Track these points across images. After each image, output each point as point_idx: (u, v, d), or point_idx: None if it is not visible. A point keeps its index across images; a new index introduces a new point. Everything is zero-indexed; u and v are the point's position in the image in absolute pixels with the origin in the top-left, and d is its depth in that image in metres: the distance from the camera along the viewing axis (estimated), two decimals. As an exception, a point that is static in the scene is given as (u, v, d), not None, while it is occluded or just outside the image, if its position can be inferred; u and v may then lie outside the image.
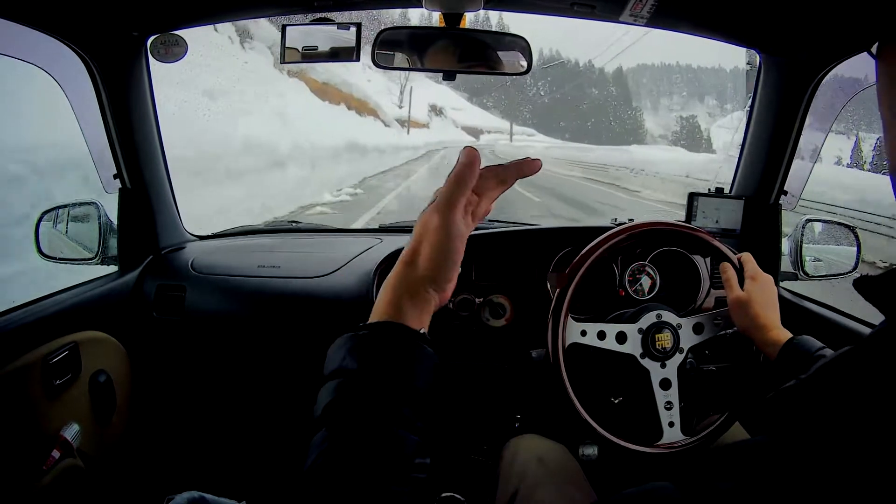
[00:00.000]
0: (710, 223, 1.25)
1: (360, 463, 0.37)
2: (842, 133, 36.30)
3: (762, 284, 0.87)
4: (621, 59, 79.49)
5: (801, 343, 0.79)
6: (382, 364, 0.40)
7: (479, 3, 1.02)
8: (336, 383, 0.40)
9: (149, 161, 1.23)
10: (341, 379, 0.40)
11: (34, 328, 0.96)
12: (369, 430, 0.38)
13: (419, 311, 0.44)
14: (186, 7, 1.10)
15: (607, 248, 0.91)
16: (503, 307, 1.17)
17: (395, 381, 0.40)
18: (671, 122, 67.68)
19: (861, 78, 1.10)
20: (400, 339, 0.42)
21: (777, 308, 0.87)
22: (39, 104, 3.48)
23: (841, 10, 0.91)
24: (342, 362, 0.41)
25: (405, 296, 0.44)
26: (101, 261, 1.21)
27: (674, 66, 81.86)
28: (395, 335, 0.42)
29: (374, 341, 0.41)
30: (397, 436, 0.38)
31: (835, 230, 1.27)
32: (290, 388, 1.33)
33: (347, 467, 0.37)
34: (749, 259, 0.90)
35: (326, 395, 0.40)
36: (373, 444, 0.38)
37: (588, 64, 60.75)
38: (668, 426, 0.89)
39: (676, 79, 79.73)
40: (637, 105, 64.43)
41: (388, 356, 0.41)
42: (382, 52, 1.08)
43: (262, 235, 1.50)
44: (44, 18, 0.96)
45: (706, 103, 74.06)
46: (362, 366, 0.40)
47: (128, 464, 1.20)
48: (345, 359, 0.41)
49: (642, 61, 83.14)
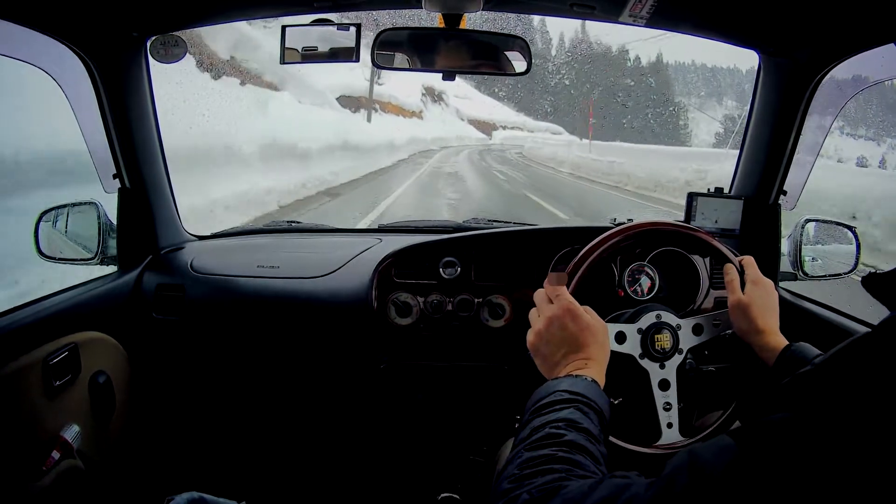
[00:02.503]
0: (709, 223, 1.25)
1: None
2: (871, 140, 34.19)
3: (763, 289, 0.87)
4: (660, 44, 65.91)
5: (798, 350, 0.79)
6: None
7: (478, 4, 1.02)
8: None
9: (148, 161, 1.23)
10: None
11: (34, 329, 0.96)
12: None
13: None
14: (186, 8, 1.10)
15: (606, 249, 0.91)
16: (502, 308, 1.17)
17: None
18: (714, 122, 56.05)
19: (861, 78, 1.10)
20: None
21: (777, 314, 0.87)
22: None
23: (841, 11, 0.92)
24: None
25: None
26: (100, 261, 1.21)
27: (689, 65, 69.74)
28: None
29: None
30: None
31: (834, 230, 1.27)
32: (290, 388, 1.33)
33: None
34: (751, 263, 0.90)
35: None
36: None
37: (622, 49, 47.83)
38: (666, 427, 0.89)
39: (692, 78, 69.47)
40: (680, 101, 50.97)
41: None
42: (382, 53, 1.08)
43: (261, 235, 1.50)
44: (44, 19, 0.96)
45: (724, 105, 64.47)
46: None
47: (128, 464, 1.20)
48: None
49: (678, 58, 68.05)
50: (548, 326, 0.72)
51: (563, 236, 1.20)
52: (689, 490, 0.41)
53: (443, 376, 1.21)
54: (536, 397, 0.63)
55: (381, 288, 1.17)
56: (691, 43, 45.72)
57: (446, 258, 1.18)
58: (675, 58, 51.83)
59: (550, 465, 0.52)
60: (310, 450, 1.38)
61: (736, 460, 0.40)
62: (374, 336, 1.19)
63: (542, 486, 0.49)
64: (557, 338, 0.71)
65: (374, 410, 1.30)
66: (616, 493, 0.45)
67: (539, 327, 0.73)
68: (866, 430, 0.36)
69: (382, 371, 1.19)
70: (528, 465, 0.52)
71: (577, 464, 0.52)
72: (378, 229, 1.54)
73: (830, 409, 0.38)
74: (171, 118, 5.20)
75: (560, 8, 1.12)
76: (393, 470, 1.34)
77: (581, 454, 0.53)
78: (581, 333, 0.71)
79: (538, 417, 0.59)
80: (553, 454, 0.53)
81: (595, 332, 0.72)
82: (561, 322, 0.72)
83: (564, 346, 0.71)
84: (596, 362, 0.69)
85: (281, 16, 1.14)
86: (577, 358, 0.69)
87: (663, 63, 50.43)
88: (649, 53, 51.65)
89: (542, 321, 0.73)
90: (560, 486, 0.48)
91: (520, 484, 0.50)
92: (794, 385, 0.42)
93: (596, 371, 0.68)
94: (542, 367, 0.73)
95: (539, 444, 0.55)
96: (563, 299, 0.74)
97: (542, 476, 0.50)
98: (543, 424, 0.57)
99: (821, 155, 1.21)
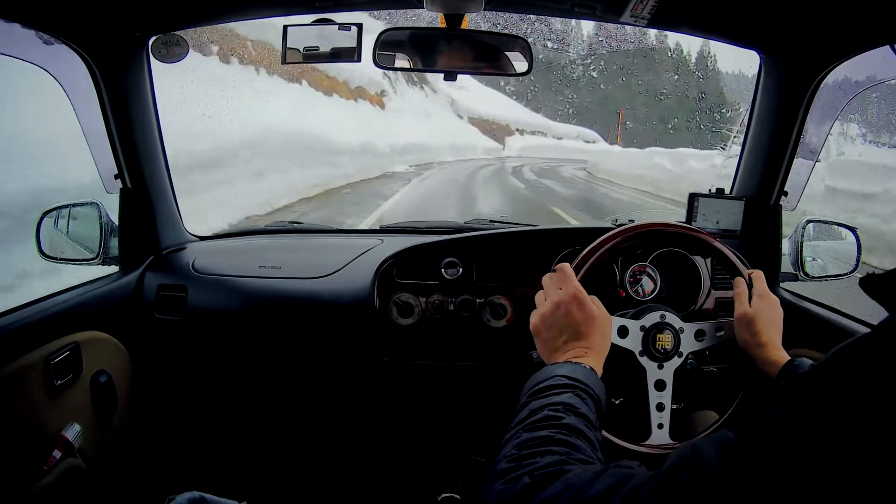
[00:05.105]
0: (710, 224, 1.25)
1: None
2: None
3: (769, 304, 0.88)
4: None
5: (800, 365, 0.80)
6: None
7: (479, 5, 1.02)
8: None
9: (150, 161, 1.24)
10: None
11: (35, 328, 0.96)
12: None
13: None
14: (188, 7, 1.10)
15: (608, 249, 0.91)
16: (504, 308, 1.17)
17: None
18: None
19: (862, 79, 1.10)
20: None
21: (780, 330, 0.88)
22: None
23: (842, 12, 0.92)
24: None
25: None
26: (102, 261, 1.21)
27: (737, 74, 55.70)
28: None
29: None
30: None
31: (835, 231, 1.27)
32: (291, 388, 1.33)
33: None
34: (760, 277, 0.91)
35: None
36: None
37: (661, 38, 34.18)
38: (657, 427, 0.89)
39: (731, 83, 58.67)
40: (734, 101, 35.12)
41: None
42: (384, 53, 1.08)
43: (263, 236, 1.50)
44: (45, 18, 0.96)
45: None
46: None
47: (129, 464, 1.21)
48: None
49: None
50: (553, 311, 0.72)
51: (564, 237, 1.20)
52: (691, 484, 0.41)
53: (444, 376, 1.21)
54: (534, 381, 0.64)
55: (382, 288, 1.17)
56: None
57: (448, 259, 1.18)
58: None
59: (549, 446, 0.52)
60: (311, 449, 1.38)
61: (737, 455, 0.41)
62: (376, 336, 1.19)
63: (543, 469, 0.49)
64: (561, 323, 0.72)
65: (376, 410, 1.30)
66: (619, 482, 0.45)
67: (544, 310, 0.73)
68: (866, 428, 0.37)
69: (384, 371, 1.19)
70: (527, 445, 0.52)
71: (575, 447, 0.52)
72: (380, 230, 1.54)
73: (830, 408, 0.39)
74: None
75: (561, 8, 1.12)
76: (394, 469, 1.34)
77: (579, 438, 0.54)
78: (585, 322, 0.71)
79: (536, 400, 0.60)
80: (552, 436, 0.53)
81: (599, 323, 0.73)
82: (567, 308, 0.72)
83: (567, 332, 0.71)
84: (596, 352, 0.70)
85: (282, 15, 1.14)
86: (577, 346, 0.70)
87: (712, 57, 35.97)
88: (689, 42, 37.66)
89: (549, 305, 0.73)
90: (561, 470, 0.48)
91: (519, 464, 0.50)
92: (794, 385, 0.42)
93: (595, 361, 0.68)
94: (541, 349, 0.74)
95: (537, 425, 0.55)
96: (572, 286, 0.74)
97: (542, 457, 0.50)
98: (542, 407, 0.58)
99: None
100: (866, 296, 0.44)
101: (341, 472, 1.37)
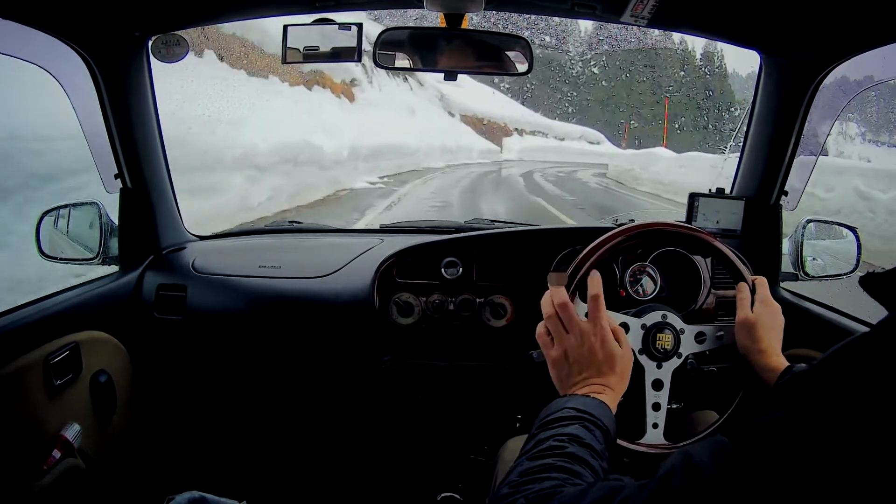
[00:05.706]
0: (710, 224, 1.25)
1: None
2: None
3: (771, 310, 0.88)
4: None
5: (799, 372, 0.80)
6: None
7: (479, 4, 1.02)
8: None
9: (150, 161, 1.24)
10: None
11: (35, 328, 0.96)
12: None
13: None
14: (188, 7, 1.10)
15: (608, 249, 0.90)
16: (504, 308, 1.17)
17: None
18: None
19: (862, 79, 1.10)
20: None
21: (781, 337, 0.87)
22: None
23: (842, 11, 0.92)
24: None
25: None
26: (102, 261, 1.21)
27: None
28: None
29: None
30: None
31: (836, 231, 1.27)
32: (291, 388, 1.33)
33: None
34: (763, 283, 0.90)
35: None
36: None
37: (664, 33, 28.08)
38: (651, 427, 0.89)
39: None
40: (743, 99, 32.89)
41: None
42: (384, 53, 1.08)
43: (262, 235, 1.50)
44: (45, 18, 0.96)
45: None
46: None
47: (129, 464, 1.21)
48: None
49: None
50: (579, 346, 0.71)
51: (564, 237, 1.20)
52: (683, 491, 0.41)
53: (444, 376, 1.21)
54: (545, 413, 0.64)
55: (382, 288, 1.17)
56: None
57: (448, 258, 1.18)
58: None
59: (549, 472, 0.53)
60: (310, 449, 1.38)
61: (731, 460, 0.40)
62: (376, 336, 1.19)
63: (539, 493, 0.49)
64: (585, 360, 0.71)
65: (376, 410, 1.30)
66: (610, 495, 0.45)
67: (570, 343, 0.72)
68: (863, 429, 0.36)
69: (384, 371, 1.19)
70: (528, 472, 0.53)
71: (575, 474, 0.53)
72: (380, 229, 1.54)
73: (827, 408, 0.38)
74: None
75: (561, 8, 1.12)
76: (393, 469, 1.34)
77: (581, 466, 0.54)
78: (607, 361, 0.71)
79: (544, 431, 0.60)
80: (553, 463, 0.54)
81: (622, 364, 0.72)
82: (591, 345, 0.71)
83: (588, 369, 0.70)
84: (613, 391, 0.70)
85: (283, 15, 1.14)
86: (595, 383, 0.70)
87: (720, 53, 32.86)
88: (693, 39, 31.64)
89: (575, 338, 0.71)
90: (555, 492, 0.49)
91: (517, 490, 0.51)
92: (791, 385, 0.42)
93: (610, 399, 0.68)
94: (557, 379, 0.73)
95: (541, 454, 0.56)
96: (601, 318, 0.72)
97: (541, 483, 0.51)
98: (547, 437, 0.58)
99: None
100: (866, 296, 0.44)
101: (341, 471, 1.37)
